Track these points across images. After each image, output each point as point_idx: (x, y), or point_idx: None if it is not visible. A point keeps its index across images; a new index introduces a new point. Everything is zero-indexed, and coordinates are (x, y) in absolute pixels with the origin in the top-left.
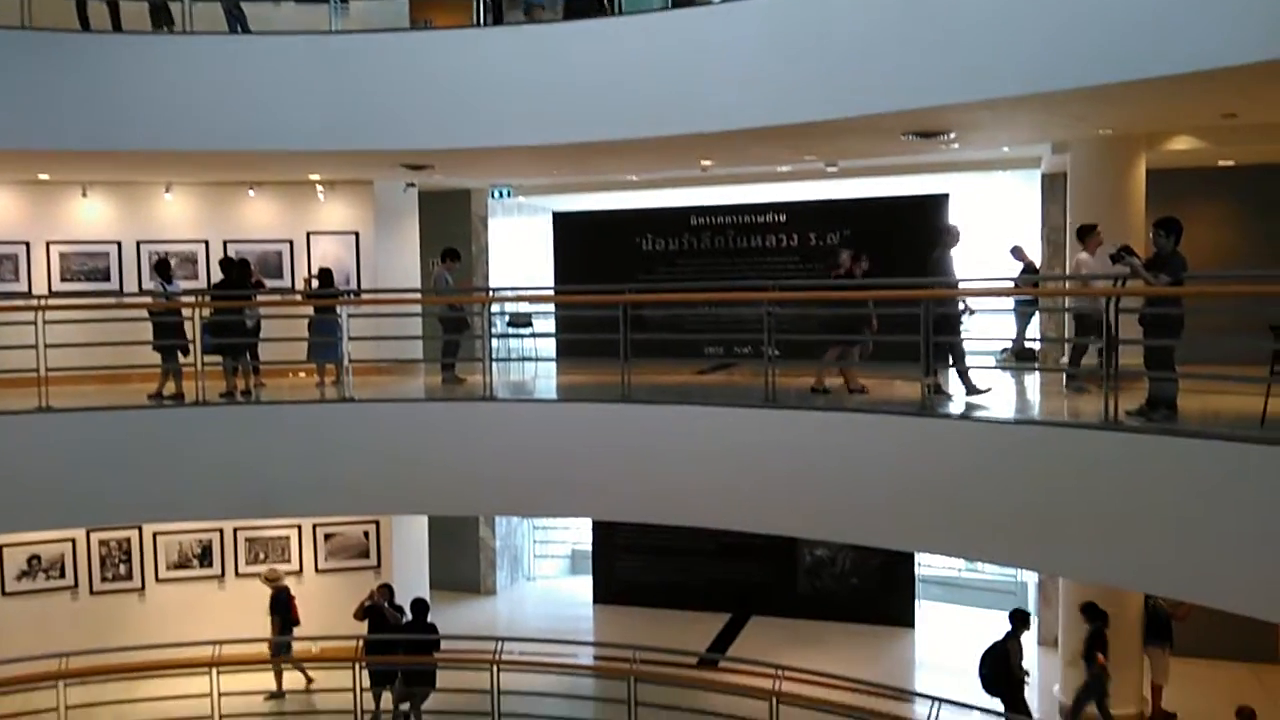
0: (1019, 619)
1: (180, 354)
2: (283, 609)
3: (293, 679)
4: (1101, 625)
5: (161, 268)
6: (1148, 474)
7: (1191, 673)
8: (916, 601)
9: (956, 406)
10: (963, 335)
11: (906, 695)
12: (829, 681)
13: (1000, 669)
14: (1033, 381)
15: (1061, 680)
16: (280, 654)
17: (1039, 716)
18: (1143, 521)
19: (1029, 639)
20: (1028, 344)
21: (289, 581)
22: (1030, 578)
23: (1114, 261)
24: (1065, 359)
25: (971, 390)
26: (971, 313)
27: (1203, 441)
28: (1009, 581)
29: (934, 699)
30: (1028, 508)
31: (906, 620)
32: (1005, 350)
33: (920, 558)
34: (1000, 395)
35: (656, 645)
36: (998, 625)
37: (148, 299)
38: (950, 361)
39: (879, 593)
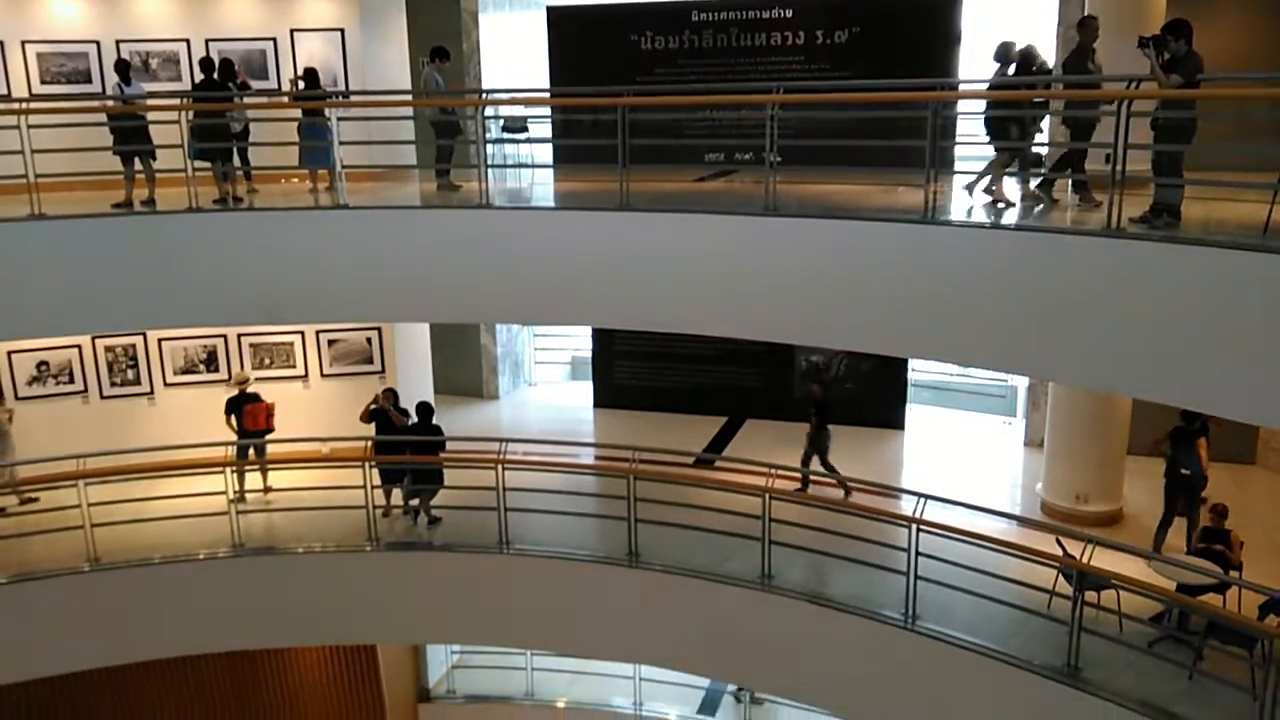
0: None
1: (148, 159)
2: (238, 413)
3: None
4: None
5: (120, 68)
6: (1148, 281)
7: (1160, 470)
8: (907, 405)
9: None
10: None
11: (894, 491)
12: (820, 479)
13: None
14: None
15: (1045, 479)
16: (242, 457)
17: (1022, 512)
18: (1140, 328)
19: (1016, 435)
20: (1035, 149)
21: (283, 391)
22: (1020, 382)
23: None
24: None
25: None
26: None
27: (1204, 249)
28: (999, 386)
29: (919, 495)
30: (1027, 314)
31: (897, 423)
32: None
33: (912, 363)
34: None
35: (655, 446)
36: (985, 429)
37: (140, 104)
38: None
39: (871, 397)
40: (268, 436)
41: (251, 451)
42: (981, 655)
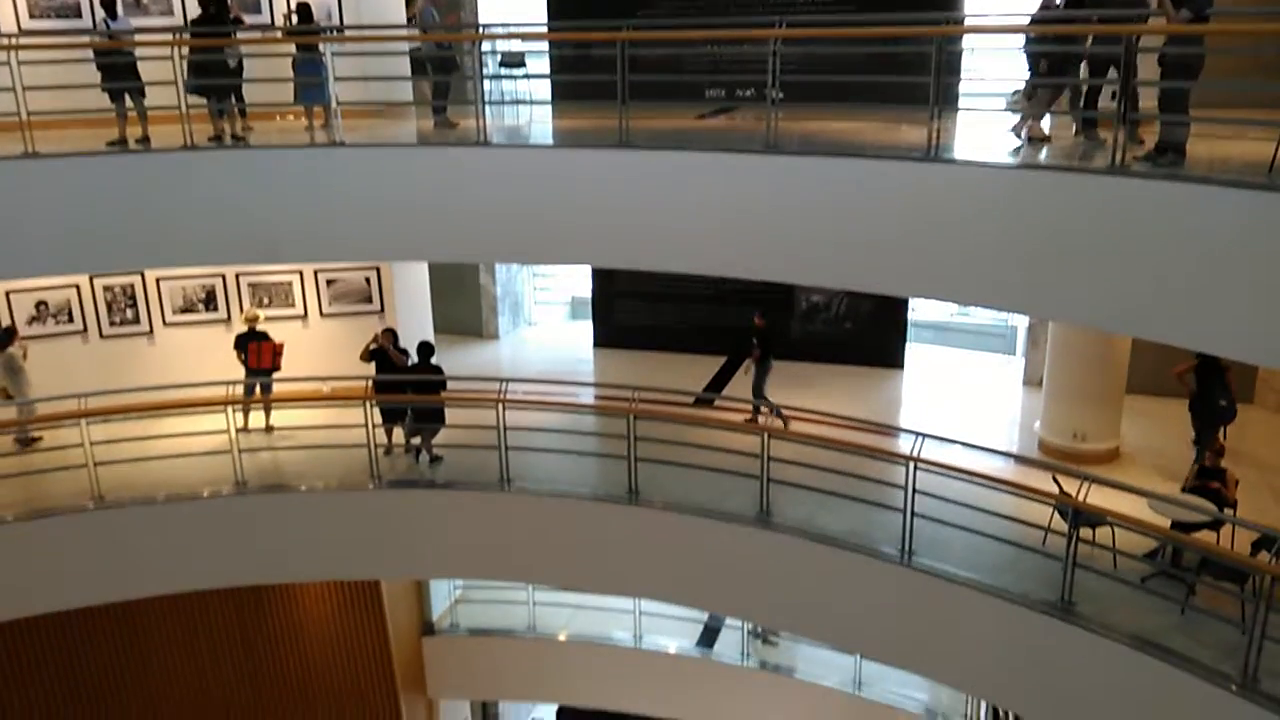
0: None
1: (137, 96)
2: (244, 350)
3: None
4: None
5: (106, 2)
6: (1152, 219)
7: (1162, 410)
8: (907, 345)
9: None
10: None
11: (892, 430)
12: (819, 418)
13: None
14: (1043, 126)
15: (1043, 418)
16: (248, 394)
17: (1020, 450)
18: (1143, 267)
19: (1015, 374)
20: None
21: (282, 331)
22: (1020, 321)
23: None
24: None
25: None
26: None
27: (1209, 187)
28: (999, 326)
29: (917, 433)
30: (1029, 253)
31: (896, 362)
32: (1016, 93)
33: (913, 302)
34: (1008, 140)
35: (654, 385)
36: (985, 368)
37: (128, 40)
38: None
39: (871, 336)
40: (274, 376)
41: (257, 390)
42: (976, 590)
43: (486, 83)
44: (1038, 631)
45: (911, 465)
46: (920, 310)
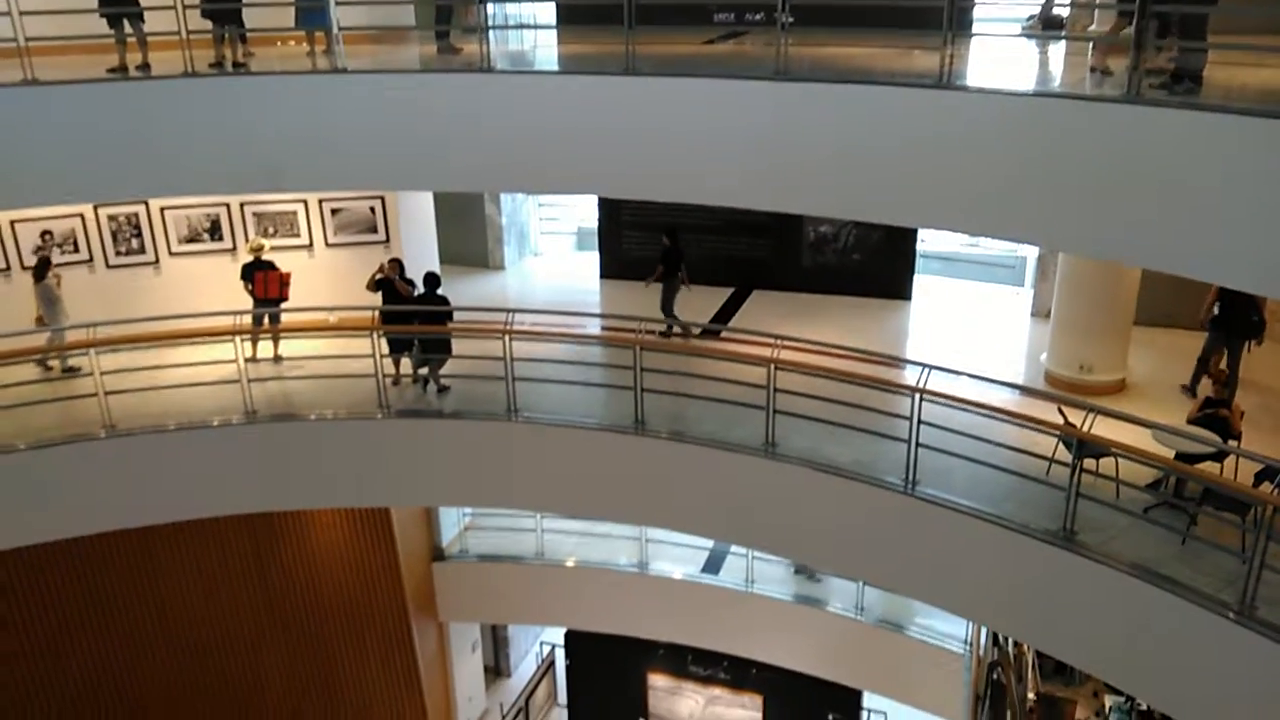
0: None
1: (136, 22)
2: (251, 280)
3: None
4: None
5: None
6: (1166, 148)
7: (1170, 342)
8: (915, 276)
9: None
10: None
11: (898, 362)
12: (825, 350)
13: None
14: (1058, 52)
15: (1050, 349)
16: (256, 324)
17: (1026, 382)
18: (1155, 196)
19: (1024, 306)
20: (1056, 9)
21: (288, 261)
22: (1030, 253)
23: None
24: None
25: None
26: None
27: (1225, 116)
28: (1008, 257)
29: (923, 365)
30: (1041, 182)
31: (904, 294)
32: (1032, 17)
33: (921, 233)
34: (1023, 66)
35: (661, 317)
36: (993, 299)
37: None
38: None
39: (879, 267)
40: (282, 306)
41: (265, 320)
42: (979, 520)
43: (490, 7)
44: (1039, 560)
45: (917, 397)
46: (929, 241)
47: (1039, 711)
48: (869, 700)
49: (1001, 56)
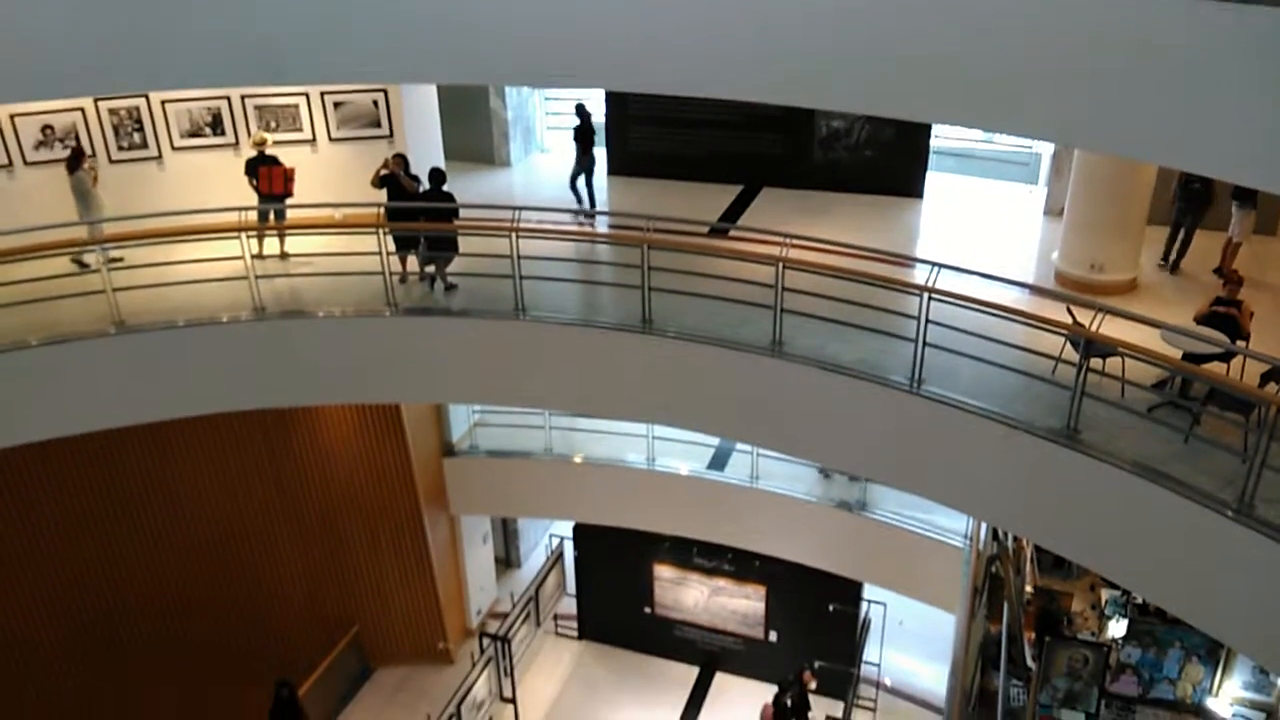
0: None
1: None
2: (255, 175)
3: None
4: None
5: None
6: (1188, 41)
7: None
8: (927, 173)
9: None
10: None
11: (908, 261)
12: (834, 249)
13: None
14: None
15: (1061, 248)
16: (262, 220)
17: (1036, 281)
18: (1176, 90)
19: (1037, 204)
20: None
21: (292, 156)
22: (1045, 149)
23: None
24: None
25: None
26: None
27: (1251, 6)
28: (1023, 154)
29: (933, 264)
30: (1059, 74)
31: (916, 191)
32: None
33: (935, 129)
34: None
35: (669, 215)
36: (1006, 197)
37: None
38: None
39: (891, 164)
40: (287, 202)
41: (271, 216)
42: (983, 418)
43: None
44: (1041, 457)
45: (925, 296)
46: (942, 137)
47: (1036, 604)
48: (869, 592)
49: None
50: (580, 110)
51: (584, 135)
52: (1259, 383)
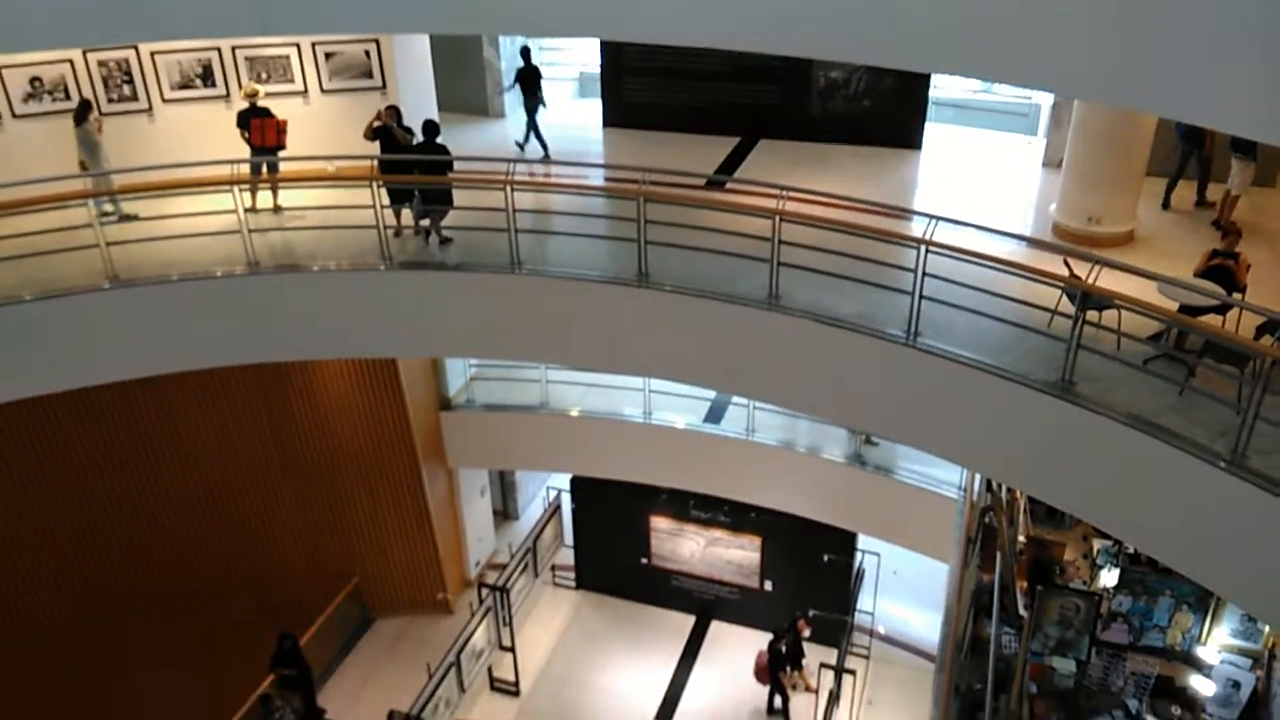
0: None
1: None
2: (247, 127)
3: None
4: None
5: None
6: None
7: (1182, 193)
8: (926, 124)
9: None
10: None
11: (905, 213)
12: (831, 201)
13: None
14: None
15: (1059, 200)
16: (254, 174)
17: (1034, 233)
18: (1177, 39)
19: (1036, 155)
20: None
21: (283, 108)
22: (1045, 100)
23: None
24: None
25: None
26: None
27: None
28: (1022, 105)
29: (931, 216)
30: (1058, 23)
31: (915, 143)
32: None
33: (934, 79)
34: None
35: (665, 167)
36: (1005, 148)
37: None
38: None
39: (890, 115)
40: (280, 154)
41: (264, 169)
42: (979, 370)
43: None
44: (1036, 409)
45: (922, 248)
46: (942, 88)
47: (1028, 554)
48: (863, 542)
49: None
50: (524, 52)
51: (528, 78)
52: (1254, 335)
